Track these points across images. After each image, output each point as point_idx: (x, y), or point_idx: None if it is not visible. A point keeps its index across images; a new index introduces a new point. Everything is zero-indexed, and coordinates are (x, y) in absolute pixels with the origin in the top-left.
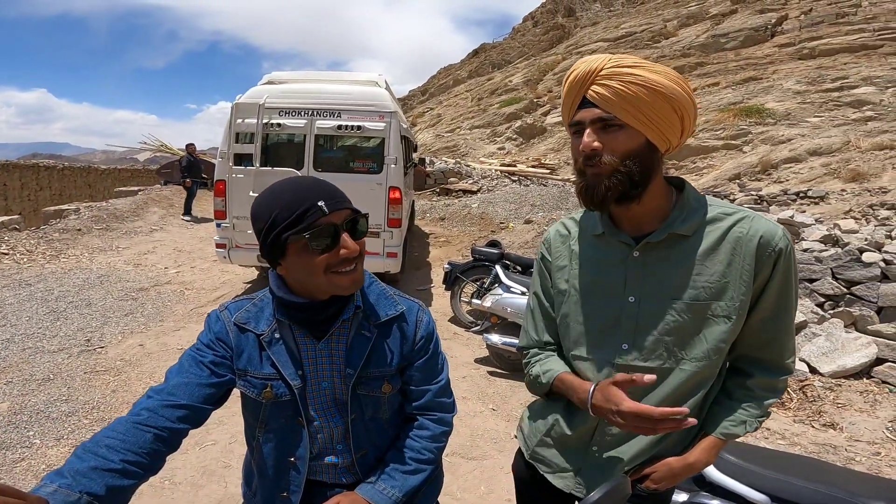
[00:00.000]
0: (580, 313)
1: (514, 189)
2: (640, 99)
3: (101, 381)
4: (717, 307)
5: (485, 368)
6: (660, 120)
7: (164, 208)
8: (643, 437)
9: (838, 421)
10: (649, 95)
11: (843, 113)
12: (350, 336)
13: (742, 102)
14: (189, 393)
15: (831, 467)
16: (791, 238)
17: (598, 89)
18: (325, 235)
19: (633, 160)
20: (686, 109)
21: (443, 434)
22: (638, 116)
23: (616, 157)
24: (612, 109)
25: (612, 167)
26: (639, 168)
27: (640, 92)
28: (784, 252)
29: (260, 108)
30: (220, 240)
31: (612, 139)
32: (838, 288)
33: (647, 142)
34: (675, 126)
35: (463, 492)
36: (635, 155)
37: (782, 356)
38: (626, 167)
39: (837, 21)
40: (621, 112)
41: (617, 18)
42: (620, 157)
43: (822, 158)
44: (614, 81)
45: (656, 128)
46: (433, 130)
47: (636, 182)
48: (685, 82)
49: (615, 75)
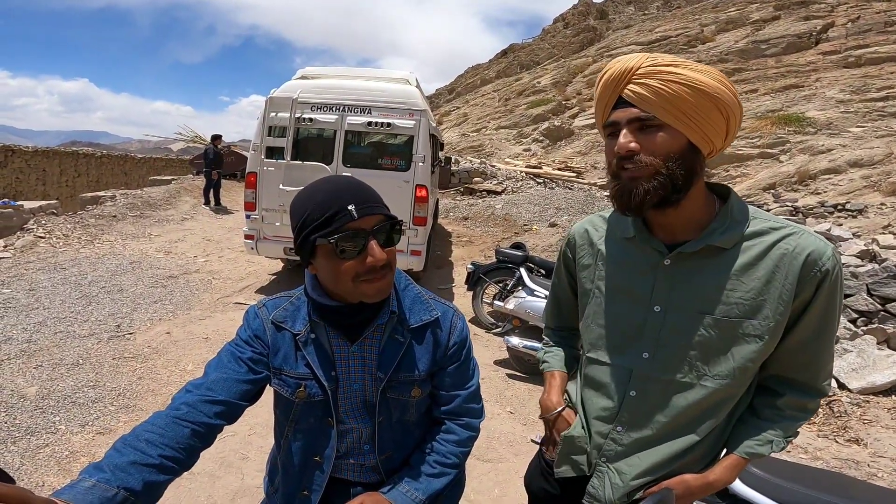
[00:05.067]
0: (602, 316)
1: (539, 191)
2: (682, 98)
3: (129, 368)
4: (750, 325)
5: (504, 371)
6: (703, 120)
7: (195, 198)
8: (661, 449)
9: (863, 437)
10: (692, 95)
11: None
12: (383, 340)
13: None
14: (227, 389)
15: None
16: (840, 258)
17: (636, 88)
18: (350, 241)
19: (675, 162)
20: (732, 110)
21: (469, 439)
22: (679, 116)
23: (658, 157)
24: (650, 109)
25: (653, 169)
26: (682, 171)
27: (681, 91)
28: (831, 273)
29: (293, 102)
30: (248, 231)
31: (650, 140)
32: (873, 304)
33: (689, 143)
34: (720, 127)
35: (477, 494)
36: (678, 156)
37: (818, 378)
38: (669, 169)
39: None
40: (661, 111)
41: (651, 22)
42: (663, 158)
43: (863, 170)
44: (653, 80)
45: (699, 128)
46: (459, 129)
47: (678, 186)
48: (728, 82)
49: (654, 73)
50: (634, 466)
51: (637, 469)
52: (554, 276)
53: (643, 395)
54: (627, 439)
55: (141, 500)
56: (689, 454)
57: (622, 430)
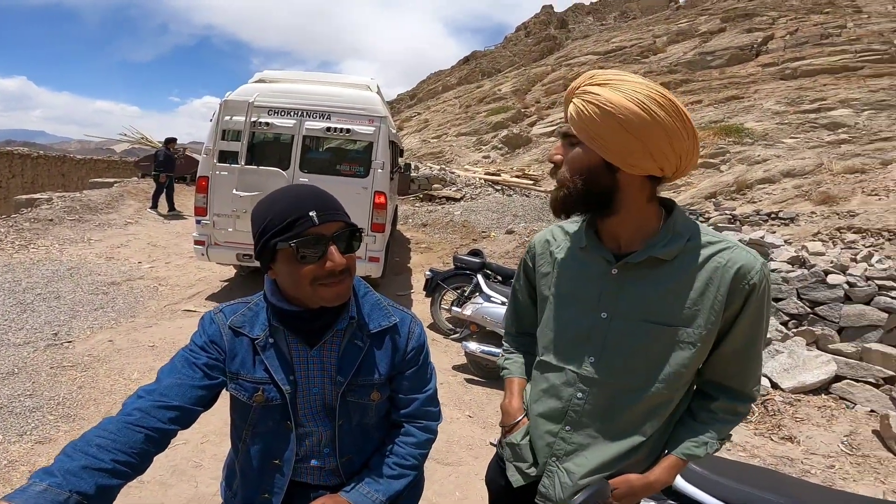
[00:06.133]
0: (554, 321)
1: (498, 198)
2: (592, 119)
3: (68, 377)
4: (685, 333)
5: (462, 375)
6: (611, 140)
7: (140, 201)
8: (608, 449)
9: (796, 434)
10: (600, 116)
11: (818, 135)
12: (343, 345)
13: (723, 121)
14: (181, 394)
15: (788, 479)
16: (768, 272)
17: (571, 106)
18: (311, 245)
19: (581, 177)
20: (648, 134)
21: (427, 441)
22: (589, 136)
23: (567, 171)
24: (573, 126)
25: (563, 181)
26: (584, 186)
27: (593, 112)
28: (758, 287)
29: (249, 106)
30: (198, 236)
31: (570, 155)
32: (803, 308)
33: (605, 162)
34: (635, 149)
35: (438, 497)
36: (586, 173)
37: (747, 385)
38: (574, 182)
39: (821, 42)
40: (577, 130)
41: (608, 32)
42: (570, 173)
43: (795, 180)
44: (579, 100)
45: (607, 148)
46: (419, 136)
47: (587, 200)
48: (666, 106)
49: (582, 93)
50: (582, 466)
51: (585, 468)
52: (514, 283)
53: (590, 398)
54: (575, 439)
55: None
56: (633, 454)
57: (570, 431)
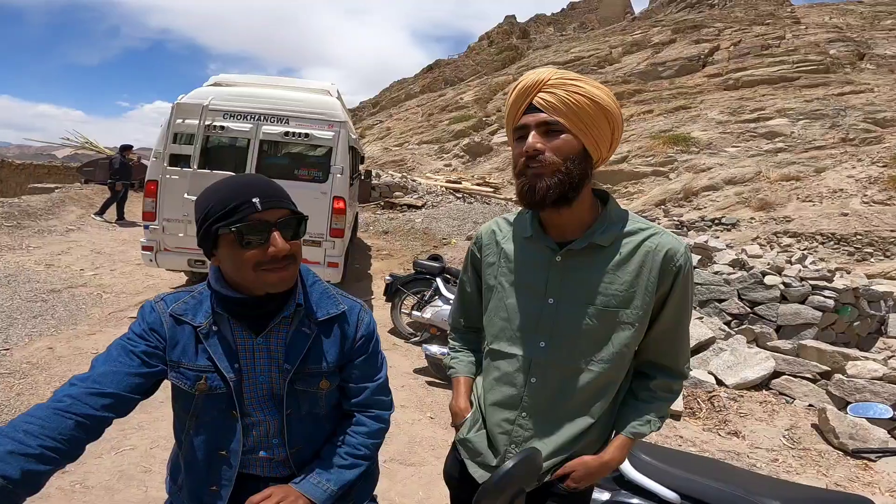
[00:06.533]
0: (504, 309)
1: (459, 206)
2: (582, 108)
3: (5, 384)
4: (624, 314)
5: (423, 378)
6: (595, 129)
7: (83, 208)
8: (563, 432)
9: (741, 429)
10: (591, 106)
11: (757, 144)
12: (290, 332)
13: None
14: (116, 382)
15: (734, 469)
16: (690, 256)
17: (545, 96)
18: (253, 231)
19: (572, 162)
20: (617, 124)
21: (379, 431)
22: (577, 123)
23: (559, 157)
24: (556, 115)
25: (554, 167)
26: (577, 171)
27: (582, 102)
28: (683, 268)
29: (203, 109)
30: (146, 242)
31: (554, 142)
32: (743, 307)
33: (584, 149)
34: (607, 137)
35: (401, 497)
36: (575, 158)
37: (679, 362)
38: (567, 168)
39: (762, 53)
40: (564, 118)
41: (568, 43)
42: (563, 158)
43: (736, 187)
44: (560, 90)
45: (591, 136)
46: (382, 143)
47: (574, 185)
48: (614, 98)
49: (560, 85)
50: (541, 450)
51: (544, 452)
52: (461, 276)
53: (543, 382)
54: (532, 424)
55: (20, 490)
56: (586, 436)
57: (526, 417)
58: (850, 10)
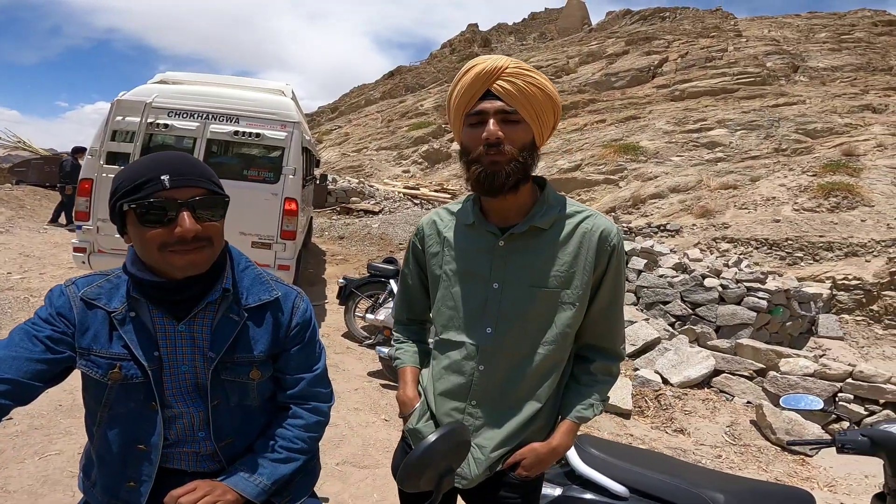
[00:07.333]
0: (450, 298)
1: (416, 212)
2: (537, 98)
3: None
4: (565, 294)
5: (377, 381)
6: (544, 119)
7: (12, 210)
8: (512, 420)
9: (686, 426)
10: (543, 97)
11: (699, 153)
12: (216, 319)
13: (622, 140)
14: (16, 368)
15: (679, 462)
16: (622, 237)
17: (505, 84)
18: (155, 209)
19: (527, 152)
20: (559, 114)
21: (317, 424)
22: (531, 114)
23: (516, 147)
24: (514, 104)
25: (511, 156)
26: (530, 159)
27: (537, 92)
28: (617, 248)
29: (146, 106)
30: (79, 243)
31: (511, 131)
32: (686, 309)
33: (534, 137)
34: (550, 126)
35: (355, 500)
36: (528, 148)
37: (616, 343)
38: (523, 157)
39: (706, 65)
40: (521, 107)
41: (528, 52)
42: (520, 148)
43: (680, 195)
44: (518, 80)
45: (539, 126)
46: (339, 149)
47: (526, 172)
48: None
49: (519, 75)
50: (491, 439)
51: (494, 441)
52: (403, 268)
53: (491, 369)
54: (482, 413)
55: None
56: (535, 421)
57: (476, 405)
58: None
